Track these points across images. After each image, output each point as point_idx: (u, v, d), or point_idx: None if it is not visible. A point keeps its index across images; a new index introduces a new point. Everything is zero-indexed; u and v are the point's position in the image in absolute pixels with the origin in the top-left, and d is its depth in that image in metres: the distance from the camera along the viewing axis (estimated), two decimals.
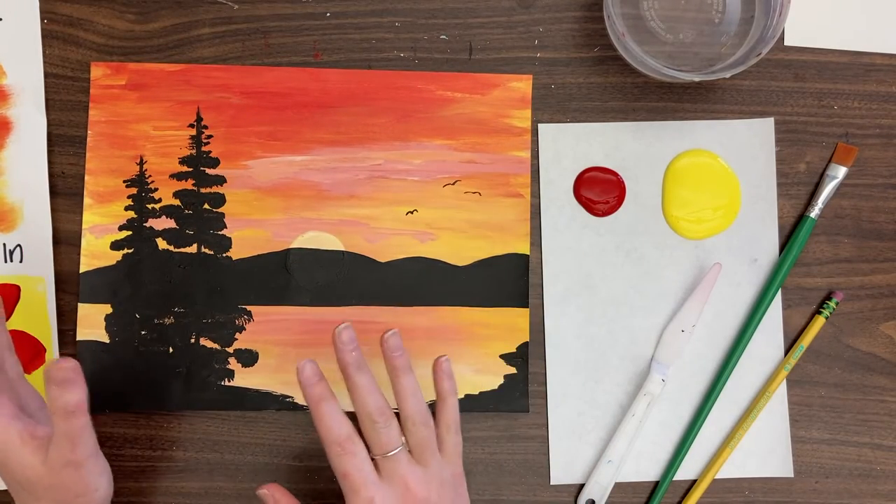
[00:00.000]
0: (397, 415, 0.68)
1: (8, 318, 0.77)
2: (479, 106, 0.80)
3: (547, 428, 0.79)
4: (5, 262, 0.78)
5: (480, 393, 0.79)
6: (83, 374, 0.63)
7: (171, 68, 0.80)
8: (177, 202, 0.79)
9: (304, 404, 0.77)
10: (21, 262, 0.78)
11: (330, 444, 0.66)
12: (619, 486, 0.79)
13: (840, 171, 0.80)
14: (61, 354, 0.78)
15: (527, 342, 0.79)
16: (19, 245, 0.78)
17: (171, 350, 0.78)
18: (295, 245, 0.79)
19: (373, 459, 0.67)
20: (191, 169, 0.79)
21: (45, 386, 0.62)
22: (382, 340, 0.69)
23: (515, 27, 0.81)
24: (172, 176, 0.79)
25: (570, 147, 0.80)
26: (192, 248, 0.79)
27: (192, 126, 0.79)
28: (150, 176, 0.79)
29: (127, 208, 0.79)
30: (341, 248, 0.79)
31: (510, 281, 0.79)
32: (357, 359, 0.68)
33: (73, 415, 0.63)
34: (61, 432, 0.63)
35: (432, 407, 0.70)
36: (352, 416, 0.67)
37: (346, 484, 0.66)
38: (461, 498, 0.70)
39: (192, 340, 0.78)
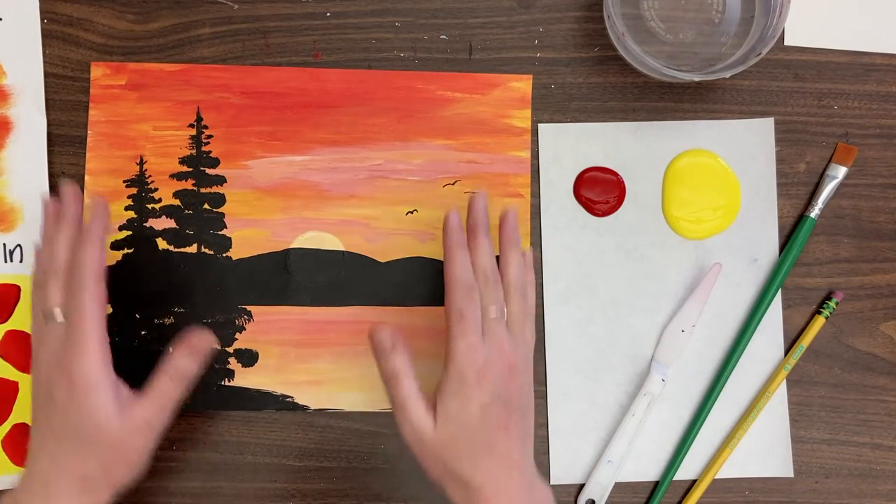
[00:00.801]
0: None
1: (8, 319, 0.77)
2: (479, 106, 0.80)
3: (547, 428, 0.79)
4: (5, 262, 0.78)
5: None
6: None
7: (171, 68, 0.80)
8: (177, 202, 0.79)
9: (304, 404, 0.78)
10: (21, 262, 0.78)
11: (458, 285, 0.68)
12: (619, 486, 0.79)
13: (840, 171, 0.80)
14: None
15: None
16: (19, 245, 0.78)
17: (171, 350, 0.78)
18: (295, 245, 0.79)
19: None
20: (191, 169, 0.79)
21: (174, 345, 0.68)
22: (503, 214, 0.72)
23: (515, 27, 0.81)
24: (172, 176, 0.79)
25: (570, 147, 0.80)
26: (193, 248, 0.79)
27: (192, 126, 0.79)
28: (150, 176, 0.79)
29: (127, 208, 0.79)
30: (341, 248, 0.79)
31: None
32: (485, 223, 0.71)
33: (182, 381, 0.68)
34: (159, 393, 0.67)
35: None
36: None
37: (459, 326, 0.67)
38: (532, 385, 0.71)
39: None
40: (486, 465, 0.66)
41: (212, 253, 0.79)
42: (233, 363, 0.78)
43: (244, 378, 0.78)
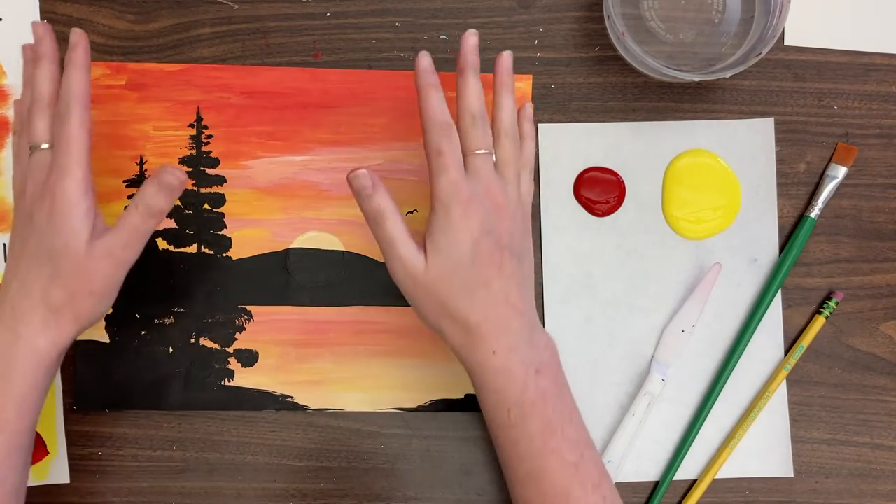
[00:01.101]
0: None
1: None
2: None
3: None
4: (5, 261, 0.77)
5: None
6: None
7: (171, 68, 0.80)
8: (177, 202, 0.79)
9: (304, 404, 0.78)
10: None
11: (432, 124, 0.67)
12: (619, 486, 0.79)
13: (840, 171, 0.80)
14: None
15: None
16: None
17: (171, 350, 0.78)
18: (295, 245, 0.79)
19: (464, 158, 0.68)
20: (191, 169, 0.79)
21: (145, 181, 0.66)
22: (498, 57, 0.73)
23: (515, 27, 0.81)
24: None
25: (570, 147, 0.80)
26: (192, 248, 0.79)
27: (192, 126, 0.79)
28: (150, 176, 0.79)
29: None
30: (341, 247, 0.79)
31: None
32: (474, 62, 0.70)
33: (150, 217, 0.66)
34: (127, 225, 0.66)
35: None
36: None
37: (438, 162, 0.67)
38: (529, 236, 0.71)
39: (192, 340, 0.78)
40: (483, 303, 0.66)
41: (212, 253, 0.79)
42: (233, 363, 0.78)
43: (244, 378, 0.78)
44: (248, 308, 0.79)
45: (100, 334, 0.78)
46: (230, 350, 0.78)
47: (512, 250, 0.68)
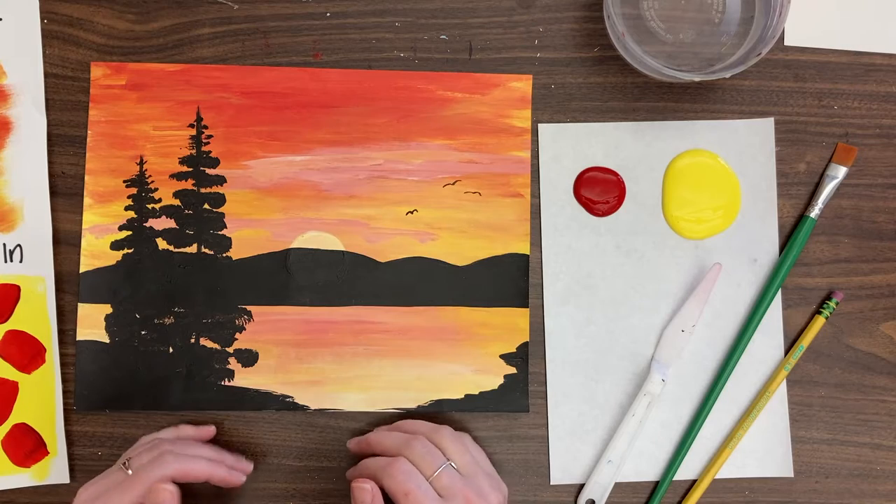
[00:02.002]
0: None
1: (8, 318, 0.77)
2: (479, 106, 0.80)
3: (547, 428, 0.79)
4: (5, 262, 0.78)
5: (480, 393, 0.79)
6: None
7: (171, 68, 0.80)
8: (177, 202, 0.79)
9: (304, 404, 0.78)
10: (21, 262, 0.78)
11: (382, 473, 0.68)
12: (619, 486, 0.79)
13: (840, 171, 0.80)
14: (61, 354, 0.78)
15: (527, 342, 0.79)
16: (19, 245, 0.78)
17: (171, 350, 0.78)
18: (295, 245, 0.79)
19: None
20: (191, 169, 0.79)
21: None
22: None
23: (515, 27, 0.81)
24: (172, 176, 0.79)
25: (570, 147, 0.80)
26: (192, 248, 0.79)
27: (192, 126, 0.79)
28: (150, 176, 0.79)
29: (127, 208, 0.79)
30: (341, 248, 0.79)
31: (510, 281, 0.79)
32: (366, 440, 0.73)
33: None
34: None
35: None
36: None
37: (407, 501, 0.67)
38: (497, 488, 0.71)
39: (192, 340, 0.78)
40: None
41: (212, 253, 0.79)
42: (233, 363, 0.78)
43: (244, 378, 0.78)
44: (248, 308, 0.79)
45: (100, 334, 0.78)
46: (230, 350, 0.78)
47: None
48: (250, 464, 0.76)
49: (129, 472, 0.68)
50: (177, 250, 0.79)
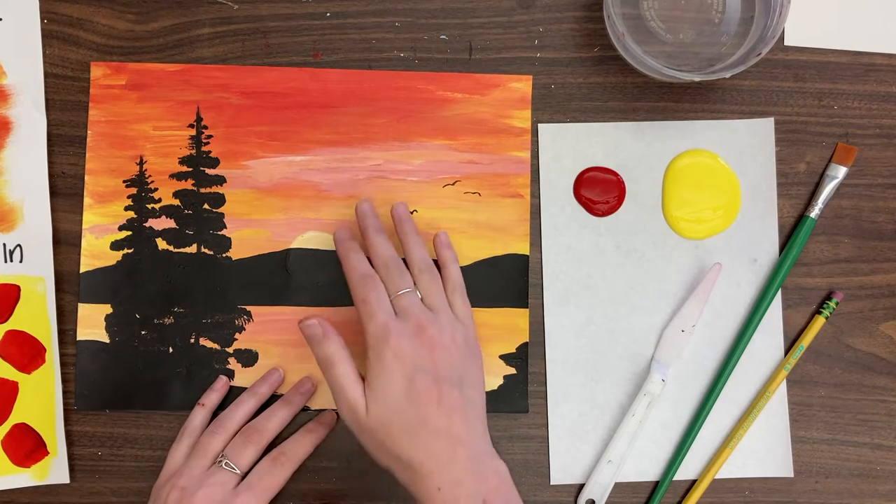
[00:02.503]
0: None
1: (8, 318, 0.77)
2: (479, 106, 0.80)
3: (547, 428, 0.79)
4: (5, 262, 0.78)
5: None
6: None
7: (171, 68, 0.80)
8: (177, 202, 0.79)
9: (305, 404, 0.78)
10: (21, 262, 0.78)
11: (355, 279, 0.72)
12: (619, 486, 0.79)
13: (840, 171, 0.80)
14: (61, 354, 0.78)
15: (527, 342, 0.79)
16: (19, 245, 0.78)
17: (170, 350, 0.78)
18: (295, 245, 0.79)
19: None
20: (190, 169, 0.79)
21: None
22: (392, 209, 0.76)
23: (515, 27, 0.81)
24: (172, 176, 0.79)
25: (570, 147, 0.80)
26: (192, 249, 0.79)
27: (191, 126, 0.79)
28: (149, 176, 0.79)
29: (127, 208, 0.79)
30: None
31: (510, 281, 0.79)
32: (374, 223, 0.75)
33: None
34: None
35: None
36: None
37: (364, 310, 0.70)
38: (475, 357, 0.72)
39: (192, 340, 0.78)
40: (423, 442, 0.67)
41: (212, 253, 0.79)
42: (233, 363, 0.78)
43: (244, 378, 0.78)
44: (248, 308, 0.79)
45: (100, 334, 0.78)
46: (230, 350, 0.78)
47: (451, 381, 0.69)
48: (307, 380, 0.79)
49: (236, 470, 0.72)
50: (177, 250, 0.79)
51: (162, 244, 0.79)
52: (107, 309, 0.78)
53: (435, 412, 0.68)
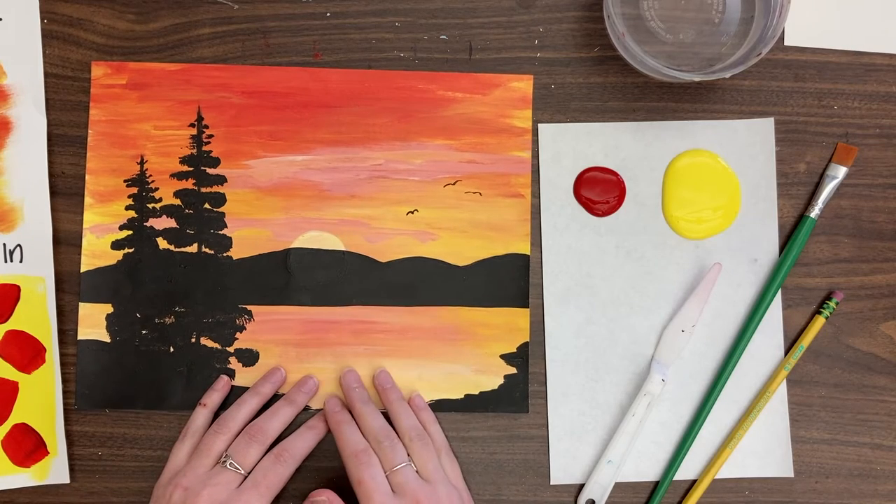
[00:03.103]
0: None
1: (8, 318, 0.77)
2: (479, 106, 0.80)
3: (547, 428, 0.79)
4: (5, 262, 0.77)
5: (480, 393, 0.79)
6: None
7: (172, 68, 0.80)
8: (177, 202, 0.79)
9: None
10: (21, 262, 0.78)
11: (348, 455, 0.72)
12: (619, 486, 0.79)
13: (840, 171, 0.80)
14: (61, 354, 0.78)
15: (527, 342, 0.79)
16: (19, 245, 0.78)
17: (171, 349, 0.78)
18: (295, 245, 0.79)
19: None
20: (191, 168, 0.79)
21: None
22: (374, 377, 0.79)
23: (515, 27, 0.81)
24: (173, 175, 0.79)
25: (570, 147, 0.80)
26: (193, 248, 0.79)
27: (192, 126, 0.79)
28: (150, 175, 0.79)
29: (128, 208, 0.79)
30: (342, 247, 0.79)
31: (510, 281, 0.79)
32: (361, 394, 0.77)
33: None
34: None
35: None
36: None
37: (360, 491, 0.71)
38: None
39: (193, 340, 0.78)
40: None
41: (212, 252, 0.79)
42: (233, 363, 0.78)
43: (245, 378, 0.78)
44: (249, 308, 0.79)
45: (101, 333, 0.78)
46: (231, 350, 0.78)
47: None
48: (309, 379, 0.79)
49: (240, 470, 0.72)
50: (177, 250, 0.79)
51: (163, 243, 0.79)
52: (107, 308, 0.78)
53: None
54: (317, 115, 0.80)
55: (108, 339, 0.78)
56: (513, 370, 0.79)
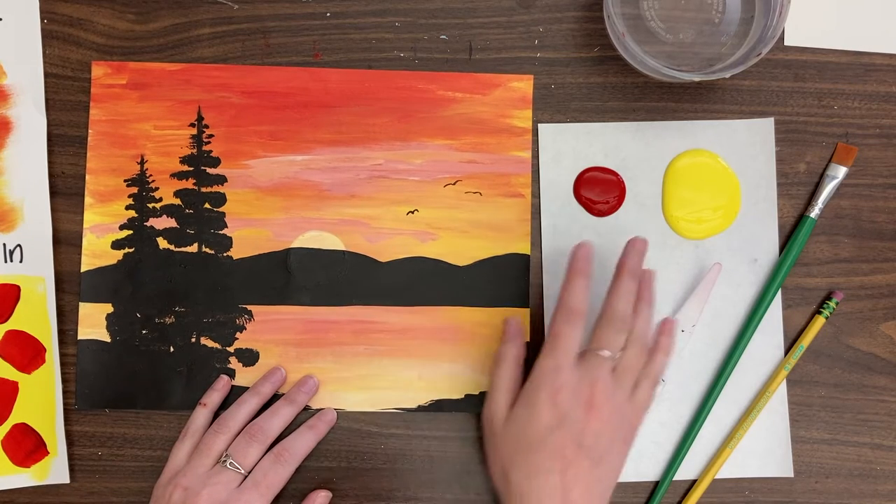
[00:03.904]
0: None
1: (8, 318, 0.77)
2: (479, 106, 0.80)
3: None
4: (5, 262, 0.77)
5: (480, 393, 0.79)
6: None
7: (173, 67, 0.80)
8: (177, 201, 0.79)
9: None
10: (21, 262, 0.78)
11: (563, 308, 0.71)
12: (619, 486, 0.78)
13: (840, 171, 0.80)
14: (61, 354, 0.78)
15: (527, 342, 0.79)
16: (19, 245, 0.78)
17: (171, 349, 0.78)
18: (296, 245, 0.79)
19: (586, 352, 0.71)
20: (191, 168, 0.79)
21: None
22: (646, 273, 0.75)
23: (515, 27, 0.81)
24: (173, 175, 0.79)
25: (570, 147, 0.80)
26: (193, 248, 0.79)
27: (192, 125, 0.79)
28: (150, 175, 0.79)
29: (128, 207, 0.79)
30: (342, 247, 0.79)
31: (510, 281, 0.79)
32: (636, 266, 0.74)
33: None
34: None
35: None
36: None
37: (550, 343, 0.70)
38: (624, 445, 0.71)
39: (193, 340, 0.78)
40: (540, 489, 0.67)
41: (212, 252, 0.79)
42: (233, 362, 0.78)
43: (245, 377, 0.78)
44: (249, 308, 0.79)
45: (101, 333, 0.78)
46: (231, 349, 0.78)
47: (590, 452, 0.68)
48: (310, 378, 0.79)
49: (240, 470, 0.72)
50: (178, 249, 0.79)
51: (163, 243, 0.79)
52: (108, 308, 0.78)
53: (559, 471, 0.67)
54: (317, 115, 0.80)
55: (108, 339, 0.78)
56: None
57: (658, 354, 0.73)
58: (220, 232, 0.79)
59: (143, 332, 0.78)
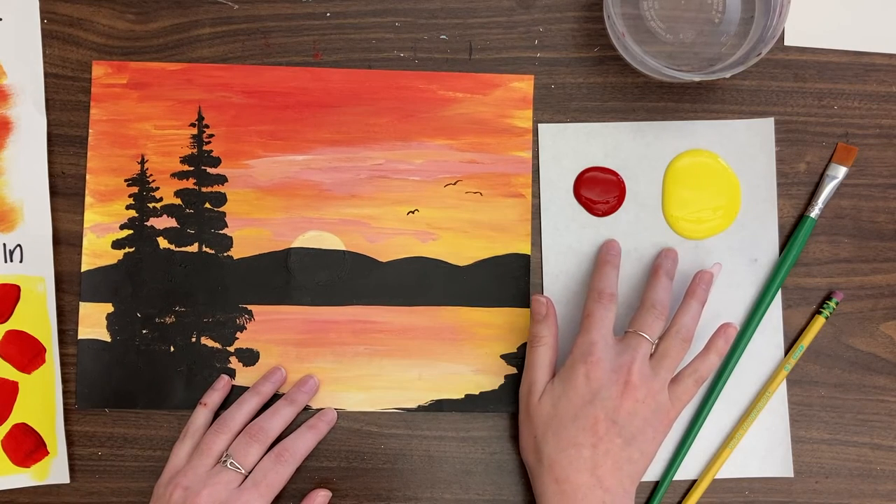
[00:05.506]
0: None
1: (8, 318, 0.77)
2: (480, 106, 0.80)
3: None
4: (5, 262, 0.77)
5: (480, 393, 0.79)
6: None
7: (173, 67, 0.80)
8: (178, 201, 0.79)
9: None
10: (21, 262, 0.78)
11: (593, 290, 0.75)
12: None
13: (840, 171, 0.80)
14: (62, 354, 0.78)
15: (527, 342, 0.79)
16: (19, 245, 0.78)
17: (172, 349, 0.78)
18: (296, 244, 0.79)
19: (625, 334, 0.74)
20: (192, 168, 0.79)
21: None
22: (700, 273, 0.77)
23: (515, 27, 0.81)
24: (174, 175, 0.79)
25: (570, 147, 0.80)
26: (194, 248, 0.79)
27: (193, 125, 0.79)
28: (151, 175, 0.79)
29: (128, 207, 0.79)
30: (342, 247, 0.79)
31: (510, 281, 0.79)
32: (669, 266, 0.77)
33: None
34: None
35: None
36: None
37: (585, 323, 0.74)
38: (658, 432, 0.72)
39: (193, 339, 0.78)
40: (570, 462, 0.70)
41: (213, 252, 0.79)
42: (234, 362, 0.78)
43: (245, 377, 0.78)
44: (249, 307, 0.79)
45: (101, 333, 0.78)
46: (231, 349, 0.78)
47: (623, 430, 0.70)
48: (310, 378, 0.79)
49: (241, 470, 0.72)
50: (178, 249, 0.79)
51: (163, 243, 0.79)
52: (108, 308, 0.78)
53: (590, 445, 0.70)
54: (317, 115, 0.80)
55: (108, 339, 0.78)
56: (513, 370, 0.79)
57: (710, 354, 0.75)
58: (221, 232, 0.79)
59: (144, 331, 0.78)
